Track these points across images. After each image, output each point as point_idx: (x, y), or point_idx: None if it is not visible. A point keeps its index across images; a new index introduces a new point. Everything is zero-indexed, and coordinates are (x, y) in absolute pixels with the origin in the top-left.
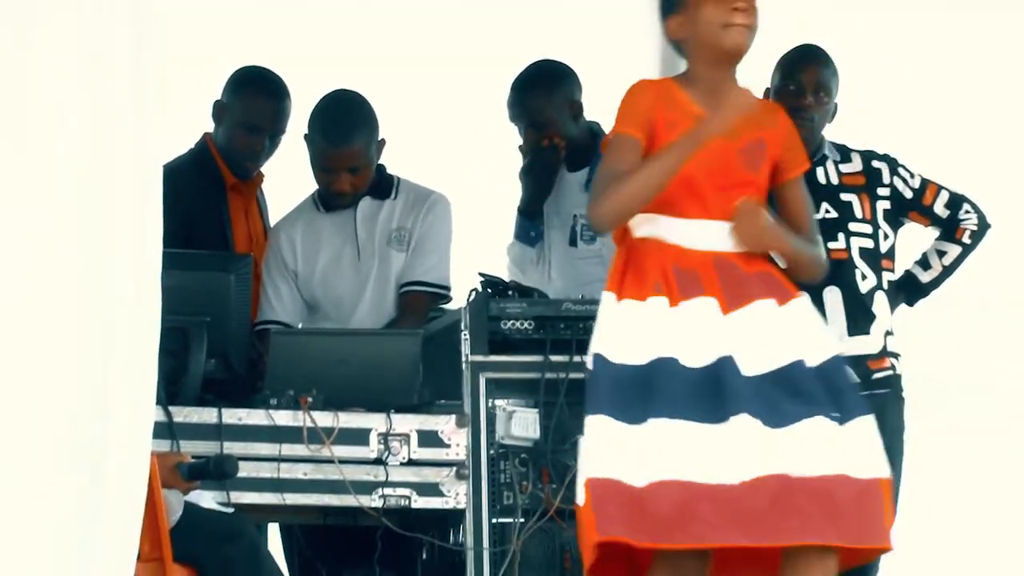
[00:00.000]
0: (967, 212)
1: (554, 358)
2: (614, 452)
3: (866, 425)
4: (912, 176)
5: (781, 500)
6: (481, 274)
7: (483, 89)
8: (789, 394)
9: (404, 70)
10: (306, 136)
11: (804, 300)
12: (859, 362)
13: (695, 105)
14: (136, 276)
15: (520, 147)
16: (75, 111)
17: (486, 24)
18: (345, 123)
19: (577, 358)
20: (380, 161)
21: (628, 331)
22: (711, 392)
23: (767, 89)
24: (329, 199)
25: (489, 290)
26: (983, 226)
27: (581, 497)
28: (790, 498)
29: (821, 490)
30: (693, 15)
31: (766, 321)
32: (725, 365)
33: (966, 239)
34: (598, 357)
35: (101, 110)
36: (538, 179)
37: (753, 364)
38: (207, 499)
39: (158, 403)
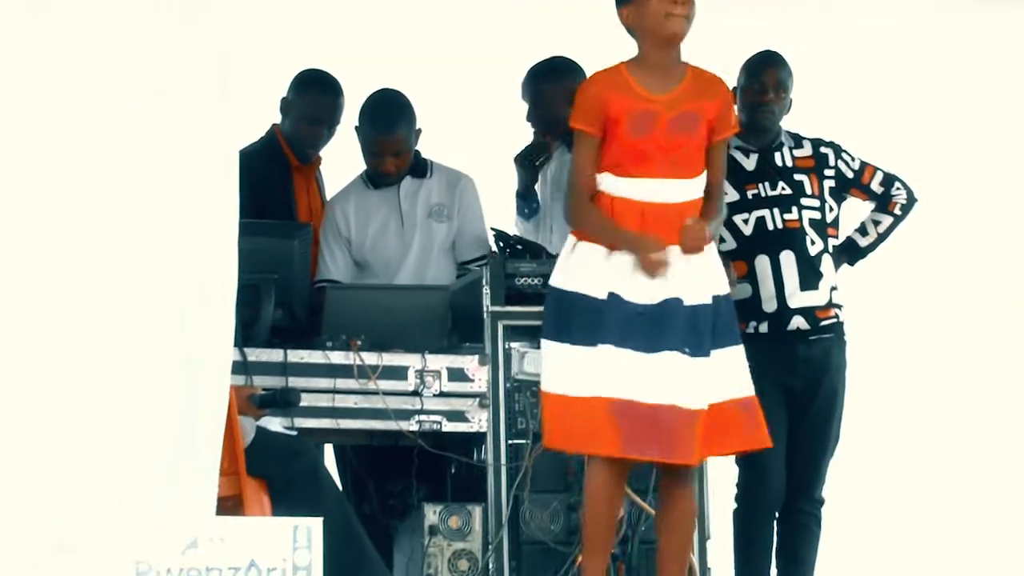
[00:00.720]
0: (898, 189)
1: None
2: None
3: (725, 358)
4: (853, 159)
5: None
6: (493, 228)
7: (499, 86)
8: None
9: (437, 70)
10: (357, 127)
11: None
12: (809, 312)
13: (642, 87)
14: (219, 242)
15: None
16: (170, 113)
17: (503, 30)
18: (390, 115)
19: None
20: (416, 147)
21: (587, 266)
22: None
23: (734, 88)
24: (376, 178)
25: (500, 243)
26: (911, 200)
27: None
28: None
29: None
30: (641, 6)
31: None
32: (671, 303)
33: (897, 211)
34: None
35: (192, 111)
36: (526, 171)
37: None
38: (275, 424)
39: (235, 345)
